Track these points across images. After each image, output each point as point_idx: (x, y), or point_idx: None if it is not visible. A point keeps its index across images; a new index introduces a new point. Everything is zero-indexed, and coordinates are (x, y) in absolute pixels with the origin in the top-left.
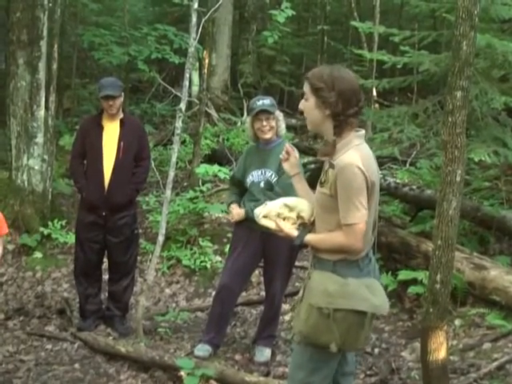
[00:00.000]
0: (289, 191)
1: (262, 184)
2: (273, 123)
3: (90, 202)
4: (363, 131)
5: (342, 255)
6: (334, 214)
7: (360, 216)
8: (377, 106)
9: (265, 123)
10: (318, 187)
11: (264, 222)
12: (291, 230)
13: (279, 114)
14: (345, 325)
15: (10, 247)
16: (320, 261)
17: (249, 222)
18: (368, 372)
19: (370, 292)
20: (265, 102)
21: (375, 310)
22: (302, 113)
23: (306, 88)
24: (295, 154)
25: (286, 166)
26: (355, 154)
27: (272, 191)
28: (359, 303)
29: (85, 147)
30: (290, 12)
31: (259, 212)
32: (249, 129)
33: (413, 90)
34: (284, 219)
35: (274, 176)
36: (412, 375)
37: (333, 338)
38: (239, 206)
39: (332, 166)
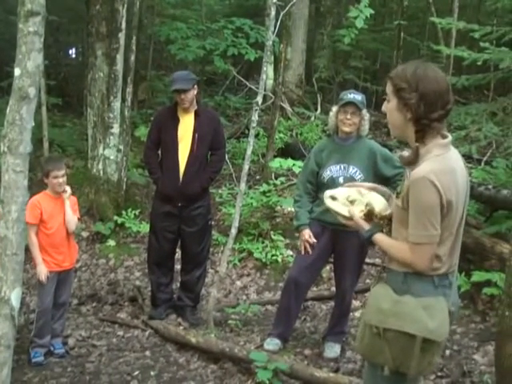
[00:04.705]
0: None
1: (341, 179)
2: (356, 120)
3: (165, 193)
4: (449, 138)
5: (410, 268)
6: (406, 228)
7: (427, 236)
8: None
9: (349, 116)
10: (394, 197)
11: (330, 203)
12: (363, 220)
13: (366, 114)
14: (397, 347)
15: (85, 234)
16: (390, 271)
17: (320, 218)
18: (439, 373)
19: (427, 314)
20: (356, 96)
21: (428, 334)
22: (386, 115)
23: (389, 88)
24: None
25: None
26: (432, 166)
27: None
28: (409, 325)
29: (160, 138)
30: (368, 12)
31: (327, 192)
32: (331, 118)
33: (489, 87)
34: (352, 202)
35: (359, 173)
36: (484, 379)
37: (385, 359)
38: (310, 227)
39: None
